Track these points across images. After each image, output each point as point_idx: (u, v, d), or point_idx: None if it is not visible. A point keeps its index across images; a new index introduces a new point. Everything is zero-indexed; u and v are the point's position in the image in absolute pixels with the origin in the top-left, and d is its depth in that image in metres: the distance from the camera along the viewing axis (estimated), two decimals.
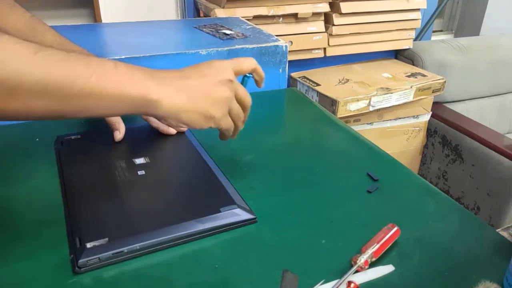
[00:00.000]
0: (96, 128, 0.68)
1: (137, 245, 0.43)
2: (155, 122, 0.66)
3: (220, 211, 0.48)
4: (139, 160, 0.57)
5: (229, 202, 0.50)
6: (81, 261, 0.41)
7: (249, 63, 0.53)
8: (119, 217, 0.47)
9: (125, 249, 0.42)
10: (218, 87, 0.47)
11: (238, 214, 0.49)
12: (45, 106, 0.37)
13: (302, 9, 1.42)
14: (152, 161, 0.58)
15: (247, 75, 0.54)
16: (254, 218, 0.49)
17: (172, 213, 0.48)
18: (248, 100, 0.52)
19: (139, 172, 0.55)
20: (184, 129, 0.69)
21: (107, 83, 0.39)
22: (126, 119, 0.67)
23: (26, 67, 0.34)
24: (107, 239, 0.43)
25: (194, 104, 0.45)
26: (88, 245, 0.42)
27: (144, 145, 0.62)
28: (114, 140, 0.62)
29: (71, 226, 0.46)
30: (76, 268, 0.41)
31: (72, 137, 0.63)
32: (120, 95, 0.40)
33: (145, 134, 0.66)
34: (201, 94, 0.46)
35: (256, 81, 0.56)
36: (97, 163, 0.57)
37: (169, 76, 0.45)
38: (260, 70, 0.54)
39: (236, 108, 0.50)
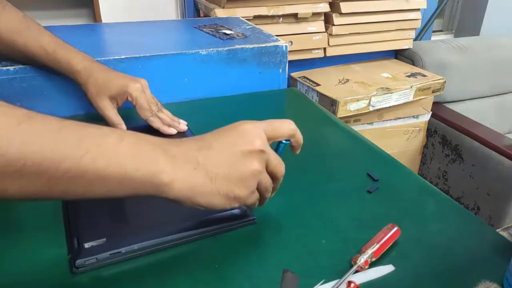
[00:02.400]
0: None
1: (135, 246, 0.43)
2: (155, 122, 0.66)
3: (219, 212, 0.48)
4: None
5: None
6: (78, 261, 0.41)
7: (286, 128, 0.44)
8: (117, 217, 0.46)
9: (123, 249, 0.42)
10: (246, 160, 0.39)
11: (237, 215, 0.49)
12: (20, 189, 0.30)
13: (302, 9, 1.42)
14: None
15: (283, 141, 0.45)
16: (253, 219, 0.49)
17: (170, 214, 0.48)
18: (281, 170, 0.43)
19: None
20: (185, 128, 0.69)
21: (104, 163, 0.33)
22: (126, 118, 0.67)
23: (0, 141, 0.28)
24: (105, 239, 0.42)
25: (215, 185, 0.38)
26: (86, 245, 0.42)
27: None
28: None
29: (69, 226, 0.46)
30: (74, 268, 0.41)
31: None
32: (120, 178, 0.34)
33: (147, 132, 0.66)
34: (224, 171, 0.38)
35: (292, 147, 0.47)
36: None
37: (186, 149, 0.38)
38: (299, 135, 0.46)
39: (266, 181, 0.42)
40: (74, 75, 0.64)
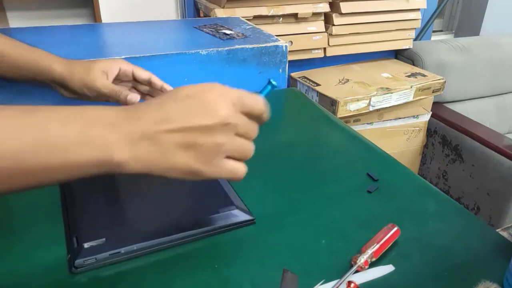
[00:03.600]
0: None
1: (134, 246, 0.43)
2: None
3: (218, 212, 0.48)
4: None
5: (227, 203, 0.50)
6: (78, 261, 0.41)
7: (258, 110, 0.40)
8: (116, 217, 0.46)
9: (122, 249, 0.42)
10: (207, 135, 0.36)
11: (237, 215, 0.49)
12: None
13: (302, 9, 1.42)
14: None
15: (272, 83, 0.43)
16: (253, 219, 0.49)
17: (170, 214, 0.48)
18: (253, 134, 0.40)
19: None
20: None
21: (45, 156, 0.31)
22: None
23: None
24: (104, 239, 0.43)
25: (172, 160, 0.36)
26: (86, 245, 0.42)
27: None
28: None
29: (68, 225, 0.45)
30: (73, 268, 0.41)
31: None
32: (69, 166, 0.33)
33: None
34: (181, 145, 0.36)
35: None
36: None
37: (143, 123, 0.35)
38: (266, 115, 0.41)
39: (236, 149, 0.38)
40: (56, 72, 0.62)
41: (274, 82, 0.43)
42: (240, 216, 0.49)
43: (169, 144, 0.36)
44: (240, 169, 0.39)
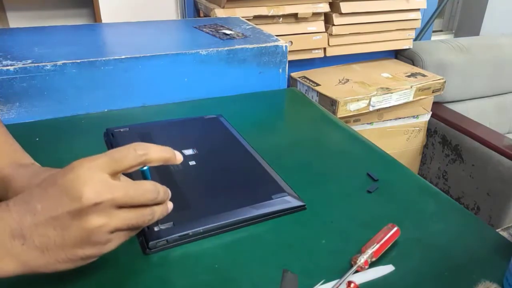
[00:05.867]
0: (142, 121, 0.71)
1: (200, 229, 0.46)
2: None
3: (272, 198, 0.51)
4: (188, 152, 0.60)
5: (279, 190, 0.53)
6: (151, 243, 0.44)
7: (131, 159, 0.35)
8: (179, 203, 0.48)
9: (190, 231, 0.46)
10: (78, 221, 0.32)
11: (289, 201, 0.52)
12: None
13: (302, 9, 1.42)
14: (200, 152, 0.60)
15: (142, 168, 0.38)
16: (304, 205, 0.52)
17: (228, 200, 0.51)
18: (140, 200, 0.35)
19: (190, 163, 0.57)
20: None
21: None
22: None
23: None
24: (172, 223, 0.46)
25: (50, 256, 0.33)
26: (156, 228, 0.45)
27: (188, 137, 0.65)
28: (159, 133, 0.65)
29: None
30: (147, 249, 0.44)
31: (121, 130, 0.65)
32: None
33: (185, 127, 0.69)
34: (56, 240, 0.32)
35: (164, 163, 0.38)
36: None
37: (10, 221, 0.32)
38: (155, 155, 0.37)
39: (124, 222, 0.35)
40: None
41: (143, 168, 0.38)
42: (292, 202, 0.52)
43: (40, 238, 0.32)
44: (129, 235, 0.37)
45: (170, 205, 0.40)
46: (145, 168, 0.38)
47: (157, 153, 0.37)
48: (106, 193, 0.33)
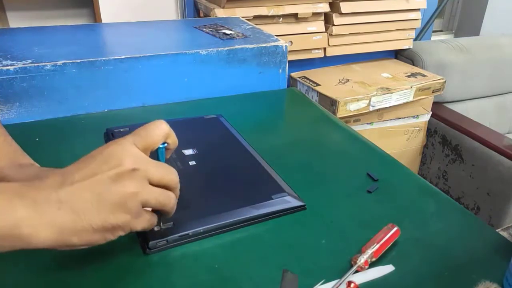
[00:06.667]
0: (142, 121, 0.69)
1: (200, 229, 0.46)
2: None
3: (272, 198, 0.51)
4: (188, 152, 0.60)
5: (279, 190, 0.53)
6: (151, 243, 0.44)
7: (158, 132, 0.39)
8: (179, 203, 0.49)
9: (190, 232, 0.46)
10: (116, 185, 0.35)
11: (289, 201, 0.52)
12: None
13: (302, 9, 1.42)
14: (200, 152, 0.60)
15: (160, 146, 0.41)
16: (304, 205, 0.52)
17: (228, 200, 0.51)
18: (171, 178, 0.39)
19: (190, 163, 0.57)
20: None
21: None
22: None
23: None
24: (172, 223, 0.46)
25: (85, 220, 0.34)
26: (156, 228, 0.44)
27: (188, 137, 0.65)
28: None
29: None
30: (147, 249, 0.44)
31: (121, 130, 0.65)
32: None
33: (185, 127, 0.69)
34: (93, 203, 0.34)
35: (166, 150, 0.43)
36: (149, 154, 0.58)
37: (46, 189, 0.34)
38: (173, 135, 0.42)
39: (154, 197, 0.37)
40: None
41: (162, 145, 0.42)
42: (292, 202, 0.52)
43: (78, 204, 0.34)
44: (155, 218, 0.40)
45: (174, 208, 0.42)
46: (161, 146, 0.41)
47: (174, 134, 0.42)
48: (142, 163, 0.36)
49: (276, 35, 0.93)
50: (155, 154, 0.41)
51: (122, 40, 0.90)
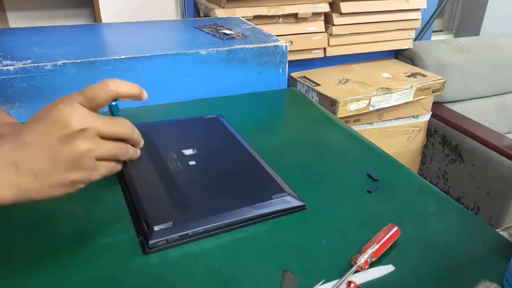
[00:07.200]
0: (142, 121, 0.70)
1: (200, 228, 0.46)
2: None
3: (272, 198, 0.51)
4: (188, 151, 0.60)
5: (279, 190, 0.53)
6: (151, 242, 0.44)
7: (104, 93, 0.40)
8: (179, 203, 0.50)
9: (189, 231, 0.46)
10: (67, 145, 0.36)
11: (289, 201, 0.52)
12: None
13: (302, 9, 1.42)
14: (200, 152, 0.60)
15: (112, 103, 0.43)
16: (304, 205, 0.52)
17: (228, 200, 0.51)
18: (120, 131, 0.41)
19: (190, 163, 0.57)
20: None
21: None
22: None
23: None
24: (171, 223, 0.46)
25: (43, 180, 0.36)
26: (156, 228, 0.45)
27: (188, 137, 0.65)
28: (160, 133, 0.64)
29: (136, 211, 0.49)
30: (147, 249, 0.44)
31: None
32: None
33: (185, 127, 0.69)
34: (47, 165, 0.36)
35: (134, 99, 0.44)
36: (149, 155, 0.58)
37: (2, 154, 0.36)
38: (125, 89, 0.42)
39: (107, 150, 0.39)
40: None
41: (113, 102, 0.43)
42: (292, 202, 0.52)
43: (34, 165, 0.36)
44: (115, 166, 0.42)
45: (138, 153, 0.47)
46: (113, 103, 0.42)
47: (126, 89, 0.42)
48: (91, 121, 0.37)
49: (276, 35, 0.93)
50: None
51: (122, 40, 0.90)
